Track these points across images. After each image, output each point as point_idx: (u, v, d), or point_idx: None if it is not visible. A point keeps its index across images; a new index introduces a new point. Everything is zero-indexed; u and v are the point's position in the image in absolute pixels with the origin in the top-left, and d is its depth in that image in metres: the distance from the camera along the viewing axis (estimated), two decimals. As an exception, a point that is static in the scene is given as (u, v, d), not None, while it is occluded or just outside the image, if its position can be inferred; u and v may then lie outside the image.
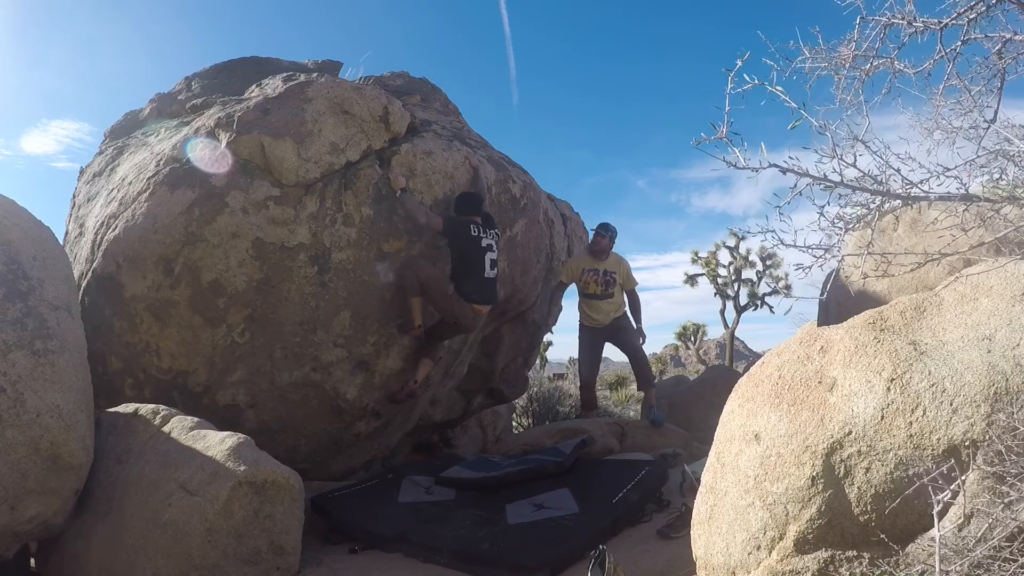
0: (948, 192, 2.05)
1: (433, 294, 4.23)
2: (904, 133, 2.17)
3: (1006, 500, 1.56)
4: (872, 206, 2.12)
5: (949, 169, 2.05)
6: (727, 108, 2.02)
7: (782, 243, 2.19)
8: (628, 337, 5.67)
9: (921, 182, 2.05)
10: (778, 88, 2.06)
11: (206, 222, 3.86)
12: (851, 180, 2.05)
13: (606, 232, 5.61)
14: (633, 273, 5.77)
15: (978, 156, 2.07)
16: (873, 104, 2.14)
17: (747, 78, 2.04)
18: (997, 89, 2.09)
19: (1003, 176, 2.08)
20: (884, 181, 2.05)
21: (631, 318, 5.73)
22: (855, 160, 2.06)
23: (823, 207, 2.16)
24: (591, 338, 5.71)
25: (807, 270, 2.22)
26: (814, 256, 2.18)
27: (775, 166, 2.04)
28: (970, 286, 2.09)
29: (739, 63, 2.01)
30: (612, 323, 5.67)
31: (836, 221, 2.19)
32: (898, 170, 2.05)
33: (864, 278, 3.07)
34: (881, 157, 2.07)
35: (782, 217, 2.12)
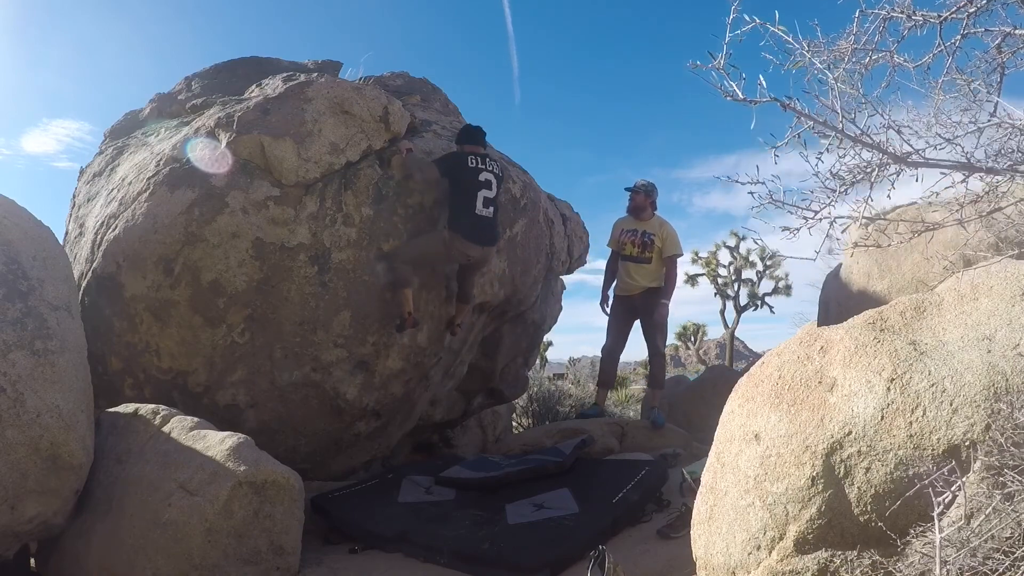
0: (951, 160, 2.02)
1: (433, 256, 4.25)
2: (903, 124, 2.15)
3: (1006, 491, 1.55)
4: (869, 168, 2.07)
5: (950, 139, 2.02)
6: (726, 38, 1.94)
7: (772, 199, 2.12)
8: (653, 328, 5.35)
9: (920, 151, 2.01)
10: (780, 28, 2.00)
11: (206, 222, 3.86)
12: (851, 133, 2.00)
13: (639, 189, 5.35)
14: (679, 242, 5.37)
15: (982, 127, 2.04)
16: (872, 98, 2.12)
17: (747, 18, 1.97)
18: (997, 84, 2.09)
19: (1003, 151, 2.06)
20: (883, 143, 2.01)
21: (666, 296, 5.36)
22: (854, 116, 2.01)
23: (820, 154, 2.08)
24: (619, 308, 5.48)
25: (795, 232, 2.15)
26: (804, 218, 2.11)
27: (775, 100, 1.96)
28: (970, 286, 2.09)
29: None
30: (644, 294, 5.35)
31: (830, 179, 2.13)
32: (899, 131, 2.01)
33: (854, 246, 3.04)
34: (882, 116, 2.03)
35: (776, 160, 2.04)
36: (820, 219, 2.10)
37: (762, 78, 1.94)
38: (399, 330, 4.25)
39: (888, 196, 2.21)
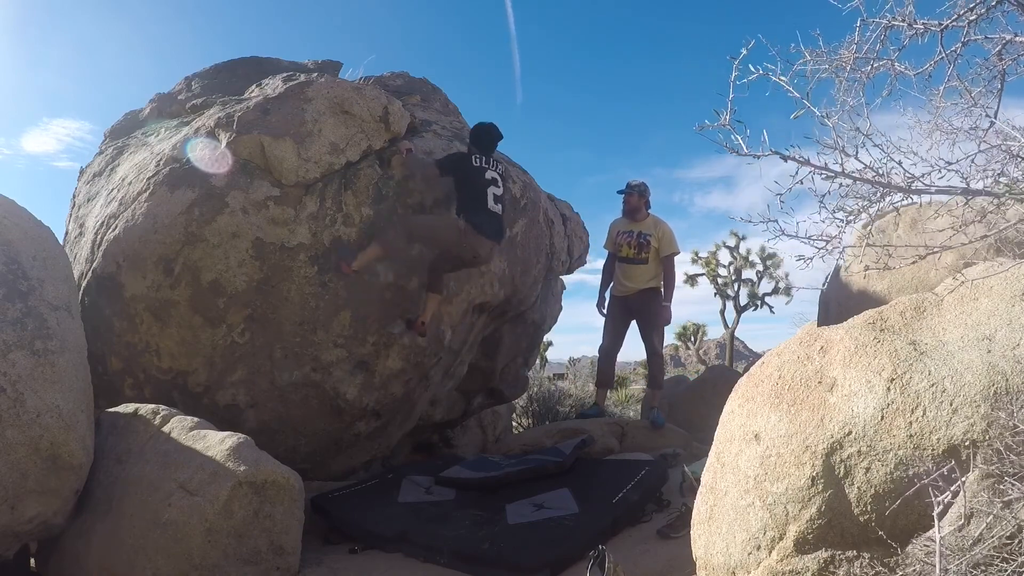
0: (949, 186, 2.05)
1: (442, 239, 4.16)
2: (905, 135, 2.18)
3: (1005, 499, 1.56)
4: (874, 198, 2.11)
5: (951, 163, 2.05)
6: (730, 95, 2.00)
7: (783, 233, 2.17)
8: (650, 328, 5.35)
9: (922, 176, 2.04)
10: (782, 78, 2.04)
11: (206, 222, 3.86)
12: (853, 171, 2.04)
13: (632, 190, 5.37)
14: (675, 241, 5.37)
15: (980, 151, 2.06)
16: (874, 106, 2.14)
17: (752, 68, 2.02)
18: (997, 91, 2.10)
19: (1004, 172, 2.08)
20: (886, 174, 2.05)
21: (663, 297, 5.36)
22: (856, 152, 2.05)
23: (824, 196, 2.14)
24: (616, 308, 5.48)
25: (808, 261, 2.20)
26: (815, 247, 2.17)
27: (777, 153, 2.02)
28: (970, 286, 2.09)
29: (744, 52, 1.99)
30: (640, 294, 5.34)
31: (837, 212, 2.18)
32: (899, 162, 2.04)
33: (866, 270, 3.08)
34: (883, 150, 2.07)
35: (783, 207, 2.11)
36: (832, 249, 2.15)
37: (765, 133, 2.00)
38: (408, 326, 4.23)
39: (896, 212, 2.24)
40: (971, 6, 1.94)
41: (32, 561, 3.37)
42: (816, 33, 2.10)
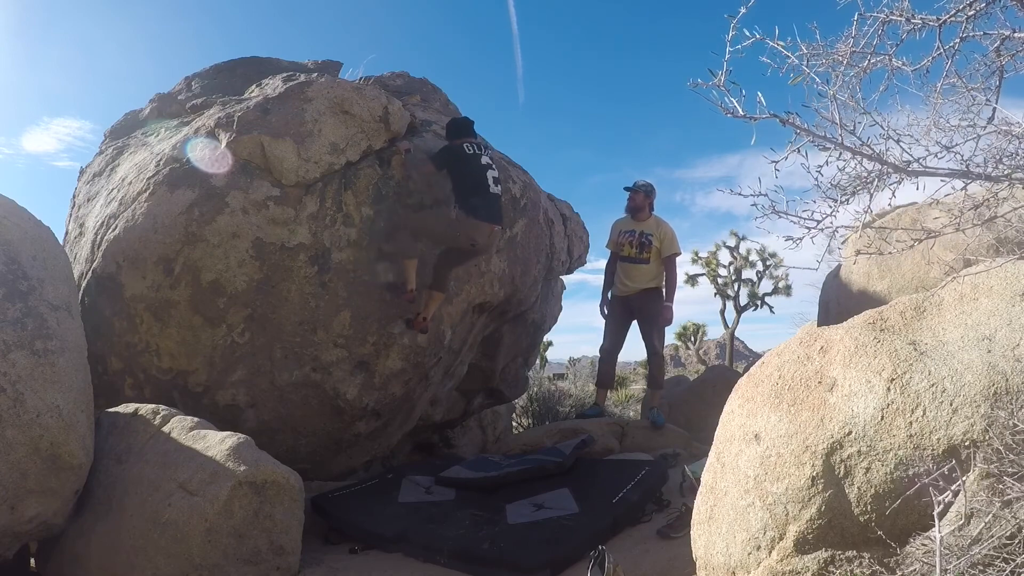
0: (949, 168, 2.02)
1: (436, 233, 4.22)
2: (902, 131, 2.15)
3: (1005, 499, 1.56)
4: (870, 178, 2.07)
5: (950, 147, 2.02)
6: (726, 55, 1.93)
7: (774, 210, 2.12)
8: (651, 328, 5.34)
9: (920, 159, 2.01)
10: (779, 43, 2.00)
11: (206, 222, 3.86)
12: (851, 145, 1.99)
13: (638, 189, 5.37)
14: (677, 241, 5.35)
15: (980, 134, 2.04)
16: (871, 102, 2.12)
17: (747, 32, 1.97)
18: (996, 87, 2.09)
19: (1002, 158, 2.06)
20: (883, 153, 2.01)
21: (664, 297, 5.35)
22: (854, 127, 2.01)
23: (820, 167, 2.08)
24: (616, 308, 5.48)
25: (798, 242, 2.15)
26: (806, 228, 2.11)
27: (775, 116, 1.96)
28: (970, 286, 2.09)
29: (743, 10, 1.93)
30: (641, 294, 5.34)
31: (830, 191, 2.13)
32: (898, 141, 2.01)
33: (856, 254, 3.06)
34: (882, 127, 2.03)
35: (777, 174, 2.05)
36: (822, 229, 2.09)
37: (761, 95, 1.94)
38: (408, 325, 4.25)
39: (889, 203, 2.21)
40: (969, 1, 1.93)
41: (32, 561, 3.37)
42: (813, 26, 2.08)
